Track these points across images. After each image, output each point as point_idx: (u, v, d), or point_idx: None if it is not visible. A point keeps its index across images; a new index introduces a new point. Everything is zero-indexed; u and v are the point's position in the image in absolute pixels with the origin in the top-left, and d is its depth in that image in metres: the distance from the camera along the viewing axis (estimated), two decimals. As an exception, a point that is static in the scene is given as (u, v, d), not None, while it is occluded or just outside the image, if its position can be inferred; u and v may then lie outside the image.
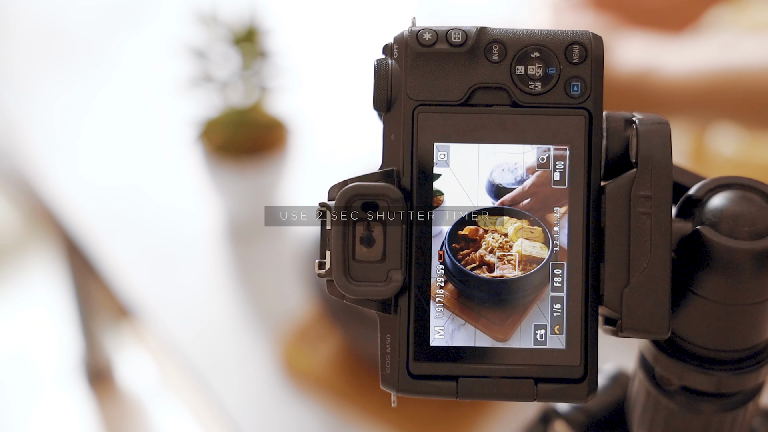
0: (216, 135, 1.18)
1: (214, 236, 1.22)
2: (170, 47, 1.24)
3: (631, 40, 0.93)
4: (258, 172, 1.17)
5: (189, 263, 1.20)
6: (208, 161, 1.17)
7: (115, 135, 1.35)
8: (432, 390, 0.46)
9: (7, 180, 1.50)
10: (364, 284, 0.45)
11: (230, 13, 1.15)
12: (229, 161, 1.16)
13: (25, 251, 2.04)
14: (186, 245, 1.22)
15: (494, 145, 0.46)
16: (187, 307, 1.16)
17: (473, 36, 0.46)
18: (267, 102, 1.19)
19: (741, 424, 0.51)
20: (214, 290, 1.17)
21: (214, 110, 1.17)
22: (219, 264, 1.20)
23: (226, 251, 1.21)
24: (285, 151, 1.19)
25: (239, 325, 1.14)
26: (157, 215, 1.24)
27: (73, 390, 1.84)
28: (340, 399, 1.06)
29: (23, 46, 1.47)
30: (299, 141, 1.22)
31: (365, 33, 1.47)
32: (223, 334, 1.13)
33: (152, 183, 1.28)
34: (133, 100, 1.39)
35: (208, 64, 1.14)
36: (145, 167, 1.31)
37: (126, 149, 1.33)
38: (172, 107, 1.31)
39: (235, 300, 1.16)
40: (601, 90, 0.46)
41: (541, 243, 0.46)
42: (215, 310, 1.16)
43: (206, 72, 1.14)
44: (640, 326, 0.45)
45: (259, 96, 1.17)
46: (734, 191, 0.47)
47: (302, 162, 1.25)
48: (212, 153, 1.17)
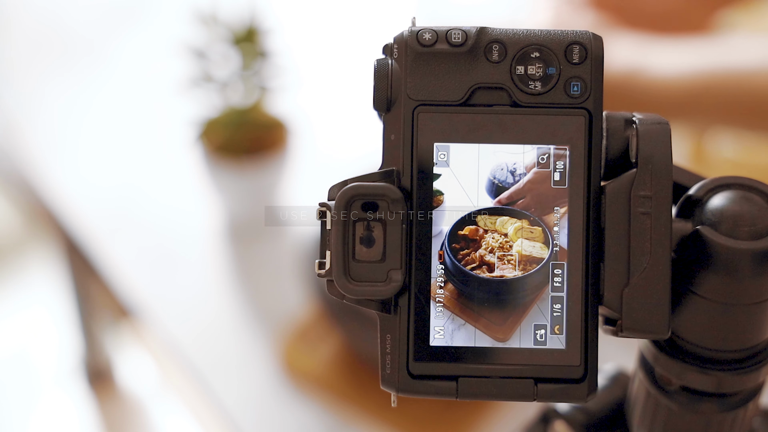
0: (216, 135, 1.18)
1: (214, 236, 1.22)
2: (170, 47, 1.24)
3: (621, 40, 0.93)
4: (258, 172, 1.17)
5: (189, 263, 1.20)
6: (208, 161, 1.17)
7: (115, 135, 1.35)
8: (432, 390, 0.46)
9: (7, 180, 1.50)
10: (364, 284, 0.45)
11: (230, 13, 1.15)
12: (229, 161, 1.16)
13: (25, 251, 2.04)
14: (186, 245, 1.22)
15: (494, 145, 0.46)
16: (187, 307, 1.16)
17: (473, 36, 0.46)
18: (267, 102, 1.19)
19: (741, 424, 0.51)
20: (214, 290, 1.17)
21: (214, 110, 1.17)
22: (219, 264, 1.20)
23: (226, 251, 1.21)
24: (285, 151, 1.19)
25: (239, 325, 1.14)
26: (157, 215, 1.24)
27: (73, 390, 1.84)
28: (340, 399, 1.06)
29: (23, 46, 1.47)
30: (299, 141, 1.22)
31: (365, 33, 1.47)
32: (223, 334, 1.13)
33: (152, 183, 1.28)
34: (132, 100, 1.39)
35: (208, 64, 1.14)
36: (144, 167, 1.31)
37: (126, 149, 1.33)
38: (171, 107, 1.31)
39: (235, 300, 1.17)
40: (601, 90, 0.46)
41: (541, 243, 0.46)
42: (215, 310, 1.16)
43: (206, 72, 1.14)
44: (640, 326, 0.45)
45: (259, 96, 1.17)
46: (734, 191, 0.47)
47: (302, 162, 1.25)
48: (212, 153, 1.17)
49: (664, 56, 0.91)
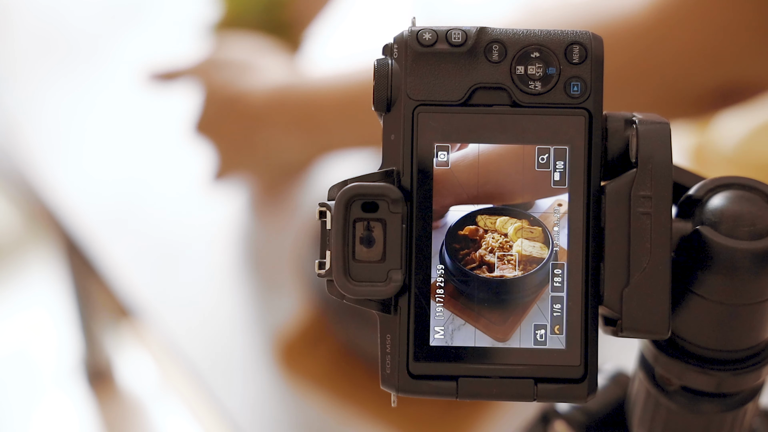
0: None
1: (214, 236, 1.22)
2: (167, 49, 1.24)
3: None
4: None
5: (189, 263, 1.20)
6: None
7: (115, 135, 1.35)
8: (432, 390, 0.46)
9: (7, 180, 1.50)
10: (364, 284, 0.45)
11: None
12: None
13: (25, 251, 2.04)
14: (186, 245, 1.22)
15: (494, 145, 0.46)
16: (187, 307, 1.16)
17: (473, 36, 0.46)
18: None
19: (741, 424, 0.51)
20: (214, 290, 1.17)
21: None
22: (219, 264, 1.20)
23: (226, 251, 1.21)
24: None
25: (239, 325, 1.14)
26: (157, 215, 1.24)
27: (73, 390, 1.84)
28: (339, 399, 1.06)
29: (23, 45, 1.47)
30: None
31: (364, 33, 1.47)
32: (223, 334, 1.13)
33: (152, 183, 1.28)
34: (132, 101, 1.39)
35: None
36: (144, 168, 1.30)
37: (126, 149, 1.33)
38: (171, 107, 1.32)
39: (236, 300, 1.17)
40: (602, 90, 0.46)
41: (541, 243, 0.46)
42: (215, 310, 1.16)
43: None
44: (640, 326, 0.45)
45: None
46: (734, 191, 0.47)
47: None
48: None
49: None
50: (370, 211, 0.46)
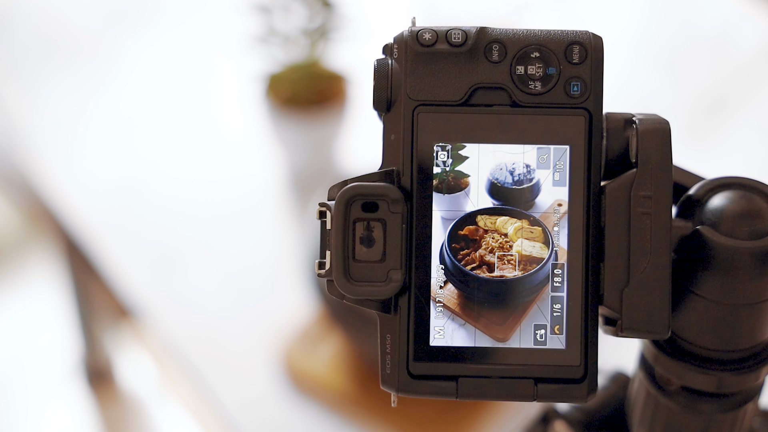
0: (281, 90, 1.19)
1: (214, 236, 1.22)
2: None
3: None
4: (319, 125, 1.18)
5: (189, 264, 1.20)
6: (274, 116, 1.18)
7: (114, 135, 1.35)
8: (432, 390, 0.46)
9: (7, 180, 1.50)
10: (364, 284, 0.45)
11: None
12: (294, 115, 1.17)
13: (25, 251, 2.04)
14: (186, 245, 1.22)
15: (494, 145, 0.46)
16: (187, 308, 1.16)
17: (473, 36, 0.46)
18: (329, 54, 1.19)
19: (741, 424, 0.51)
20: (214, 290, 1.17)
21: (277, 65, 1.17)
22: (219, 264, 1.20)
23: (226, 251, 1.21)
24: (346, 104, 1.20)
25: (240, 325, 1.14)
26: (157, 214, 1.24)
27: (73, 390, 1.84)
28: (340, 399, 1.06)
29: (24, 45, 1.46)
30: (360, 92, 1.22)
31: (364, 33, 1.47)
32: (224, 334, 1.13)
33: (152, 183, 1.28)
34: (131, 101, 1.39)
35: (272, 19, 1.14)
36: (144, 168, 1.30)
37: (125, 149, 1.33)
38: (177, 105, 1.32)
39: (236, 300, 1.17)
40: (602, 90, 0.46)
41: (541, 243, 0.46)
42: (216, 310, 1.16)
43: (271, 26, 1.14)
44: (640, 326, 0.45)
45: (322, 48, 1.17)
46: (734, 191, 0.47)
47: (363, 114, 1.25)
48: (278, 107, 1.18)
49: None
50: (370, 211, 0.46)
